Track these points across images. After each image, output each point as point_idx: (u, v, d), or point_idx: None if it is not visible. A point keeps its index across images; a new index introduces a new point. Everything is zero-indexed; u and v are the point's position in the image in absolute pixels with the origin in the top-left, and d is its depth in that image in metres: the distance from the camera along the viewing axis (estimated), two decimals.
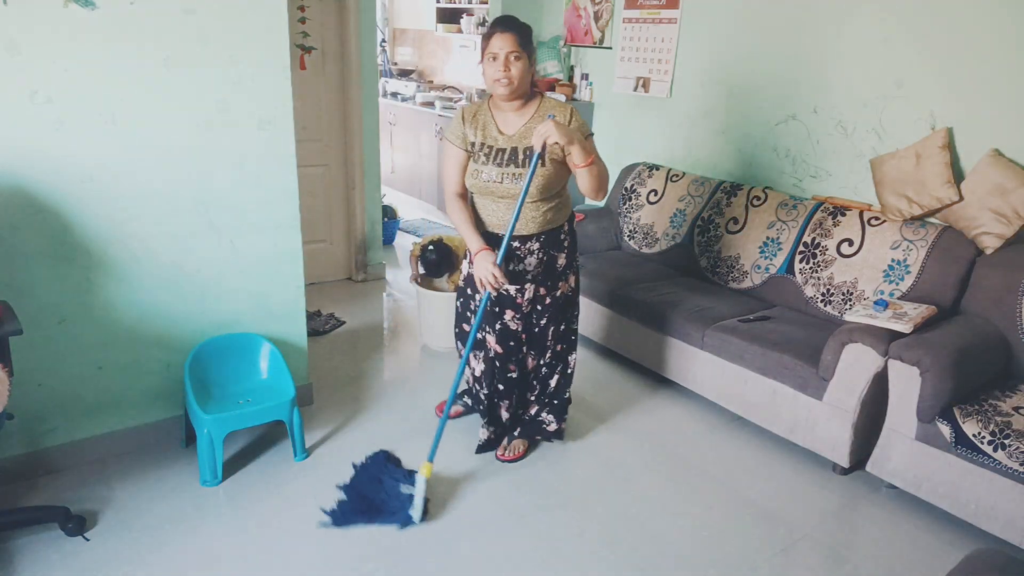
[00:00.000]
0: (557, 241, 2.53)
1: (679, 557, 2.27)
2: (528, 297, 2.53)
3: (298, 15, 3.91)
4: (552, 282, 2.56)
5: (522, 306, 2.54)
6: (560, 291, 2.59)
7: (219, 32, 2.37)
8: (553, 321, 2.61)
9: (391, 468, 2.55)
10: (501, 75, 2.30)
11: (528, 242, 2.48)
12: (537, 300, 2.56)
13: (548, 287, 2.56)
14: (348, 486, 2.46)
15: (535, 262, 2.50)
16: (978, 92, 2.89)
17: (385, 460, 2.60)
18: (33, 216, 2.22)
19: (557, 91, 4.51)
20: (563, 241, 2.55)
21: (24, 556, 2.09)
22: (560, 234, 2.54)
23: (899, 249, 3.00)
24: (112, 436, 2.56)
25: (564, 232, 2.55)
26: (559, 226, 2.53)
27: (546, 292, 2.56)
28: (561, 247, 2.55)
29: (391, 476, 2.50)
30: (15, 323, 1.95)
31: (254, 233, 2.63)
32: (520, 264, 2.50)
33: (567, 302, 2.64)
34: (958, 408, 2.39)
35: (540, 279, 2.53)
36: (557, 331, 2.64)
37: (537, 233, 2.48)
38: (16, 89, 2.10)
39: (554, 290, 2.57)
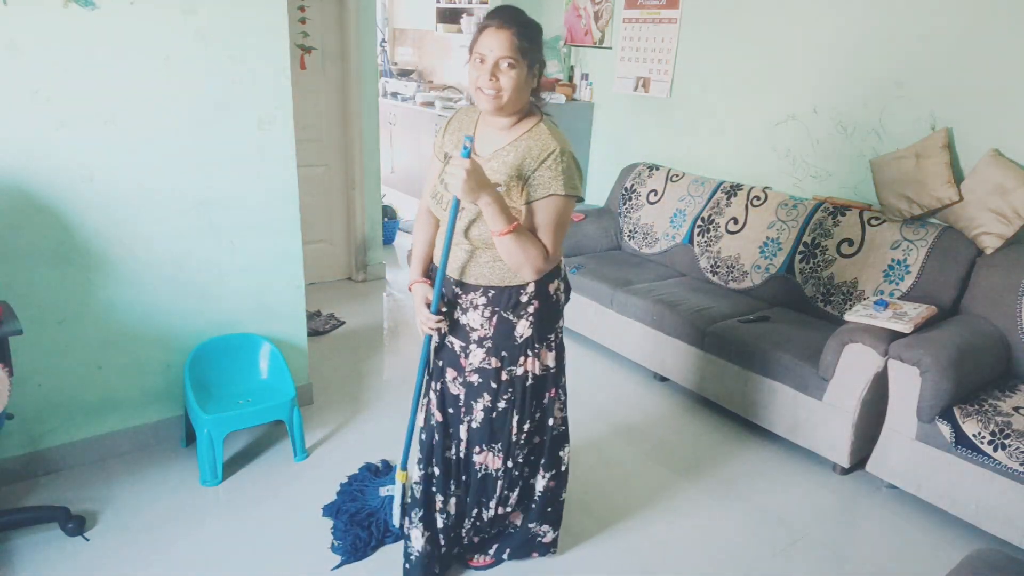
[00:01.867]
0: (514, 303, 1.83)
1: (679, 557, 2.27)
2: (473, 365, 1.88)
3: (298, 15, 3.91)
4: (509, 355, 1.86)
5: (464, 370, 1.90)
6: (523, 370, 1.88)
7: (219, 32, 2.37)
8: (517, 408, 1.90)
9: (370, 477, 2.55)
10: (487, 84, 1.68)
11: (471, 293, 1.85)
12: (488, 375, 1.88)
13: (503, 360, 1.87)
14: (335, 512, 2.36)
15: (481, 321, 1.85)
16: (978, 92, 2.89)
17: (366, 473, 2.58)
18: (33, 216, 2.22)
19: (557, 91, 4.51)
20: (525, 305, 1.84)
21: (24, 556, 2.09)
22: (520, 295, 1.83)
23: (899, 249, 3.00)
24: (112, 436, 2.56)
25: (528, 295, 1.83)
26: (518, 286, 1.82)
27: (499, 366, 1.87)
28: (521, 312, 1.84)
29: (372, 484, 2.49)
30: (15, 323, 1.95)
31: (254, 233, 2.63)
32: (464, 316, 1.88)
33: (538, 386, 1.92)
34: (958, 408, 2.39)
35: (491, 348, 1.86)
36: (532, 422, 1.95)
37: (482, 287, 1.83)
38: (17, 89, 2.10)
39: (512, 365, 1.87)
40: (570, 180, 1.72)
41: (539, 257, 1.73)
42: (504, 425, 1.93)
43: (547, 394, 1.96)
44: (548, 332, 1.90)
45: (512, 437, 1.94)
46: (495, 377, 1.88)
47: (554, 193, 1.70)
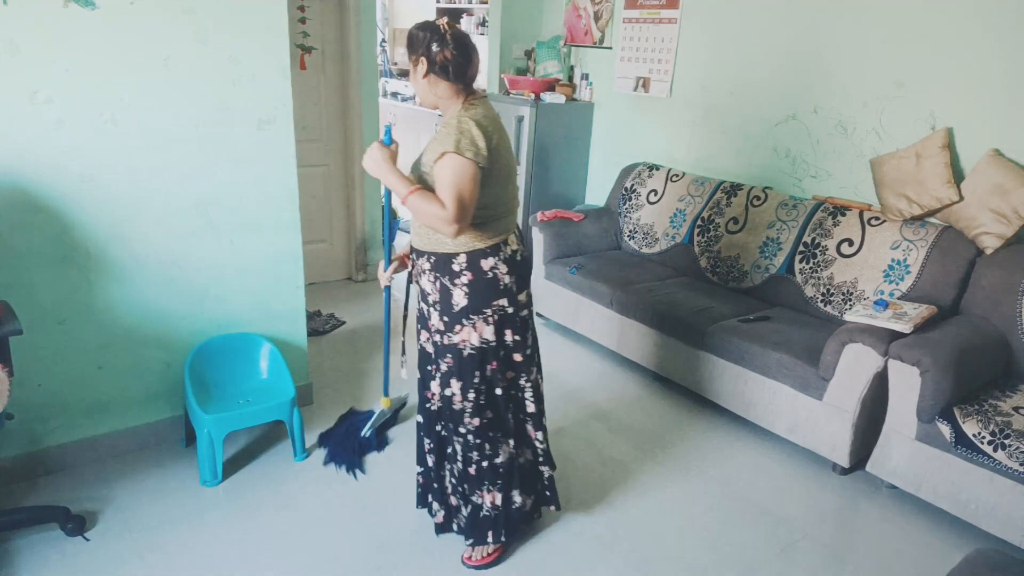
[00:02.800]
0: (449, 271, 2.00)
1: (679, 557, 2.27)
2: (435, 327, 2.07)
3: (298, 15, 3.91)
4: (449, 321, 2.03)
5: (431, 331, 2.10)
6: (459, 339, 2.03)
7: (219, 32, 2.37)
8: (456, 376, 2.05)
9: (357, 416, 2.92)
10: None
11: (420, 258, 2.06)
12: (436, 336, 2.08)
13: (445, 325, 2.04)
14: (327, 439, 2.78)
15: (431, 286, 2.04)
16: (978, 92, 2.89)
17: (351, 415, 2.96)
18: (33, 216, 2.22)
19: (557, 91, 4.51)
20: (458, 274, 1.99)
21: (24, 556, 2.09)
22: (452, 263, 1.99)
23: (899, 249, 3.00)
24: (112, 436, 2.56)
25: (460, 265, 1.98)
26: (452, 253, 1.98)
27: (444, 330, 2.05)
28: (455, 280, 2.00)
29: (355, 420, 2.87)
30: (15, 323, 1.95)
31: (254, 233, 2.63)
32: (421, 280, 2.08)
33: (467, 362, 2.04)
34: (958, 408, 2.39)
35: (440, 310, 2.05)
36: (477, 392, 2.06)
37: (427, 252, 2.02)
38: (16, 89, 2.10)
39: (449, 332, 2.04)
40: (460, 142, 1.87)
41: (438, 215, 1.86)
42: (445, 388, 2.09)
43: (488, 367, 2.07)
44: (484, 306, 2.02)
45: (455, 405, 2.08)
46: (441, 341, 2.07)
47: (445, 151, 1.86)
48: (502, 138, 2.00)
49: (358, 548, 2.22)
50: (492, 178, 1.95)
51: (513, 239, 2.08)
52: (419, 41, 1.94)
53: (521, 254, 2.11)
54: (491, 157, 1.91)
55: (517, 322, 2.10)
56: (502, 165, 1.99)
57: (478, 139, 1.88)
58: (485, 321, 2.03)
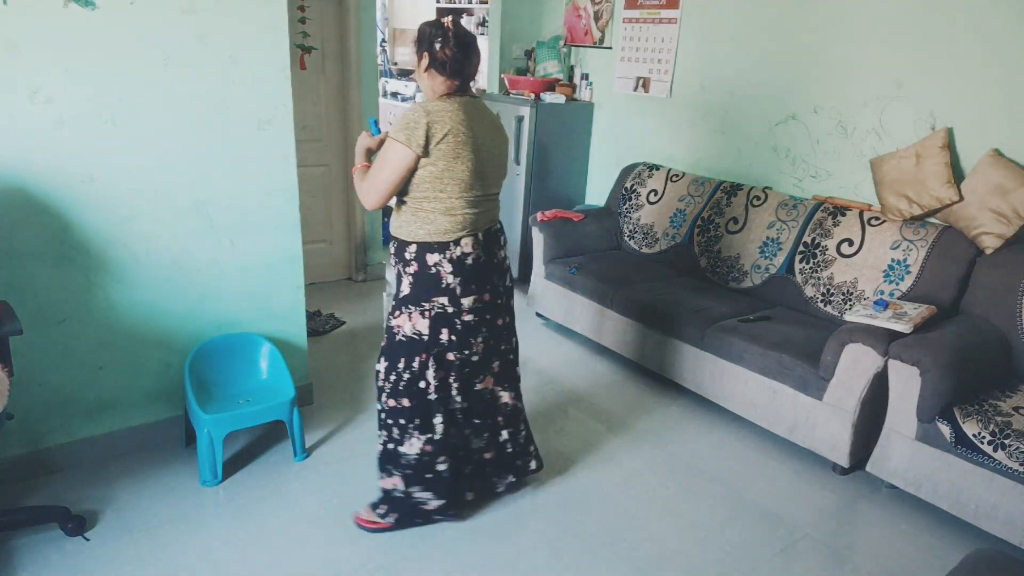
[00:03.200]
0: (403, 259, 2.13)
1: (679, 557, 2.27)
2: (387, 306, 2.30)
3: (298, 15, 3.91)
4: (393, 304, 2.19)
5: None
6: (395, 323, 2.17)
7: (219, 32, 2.37)
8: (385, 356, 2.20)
9: None
10: None
11: (391, 242, 2.22)
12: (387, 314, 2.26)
13: (392, 307, 2.21)
14: None
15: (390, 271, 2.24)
16: (978, 92, 2.89)
17: None
18: (33, 216, 2.22)
19: (557, 91, 4.51)
20: (408, 263, 2.11)
21: (24, 556, 2.09)
22: (406, 252, 2.11)
23: (899, 249, 3.00)
24: (112, 436, 2.56)
25: (411, 254, 2.10)
26: (405, 241, 2.11)
27: (390, 311, 2.22)
28: (406, 268, 2.13)
29: None
30: (15, 323, 1.95)
31: (254, 233, 2.63)
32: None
33: (396, 346, 2.17)
34: (958, 408, 2.39)
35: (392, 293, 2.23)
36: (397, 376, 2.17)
37: (393, 237, 2.18)
38: (16, 89, 2.10)
39: (392, 315, 2.20)
40: (399, 125, 1.99)
41: (359, 188, 2.09)
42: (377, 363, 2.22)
43: (416, 358, 2.15)
44: (423, 299, 2.12)
45: (379, 380, 2.21)
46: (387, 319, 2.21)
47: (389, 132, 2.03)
48: (463, 135, 2.01)
49: (358, 548, 2.22)
50: (436, 170, 2.01)
51: (469, 242, 2.10)
52: (425, 37, 2.07)
53: (477, 259, 2.12)
54: (430, 147, 1.98)
55: (457, 324, 2.14)
56: (457, 161, 2.01)
57: (417, 127, 1.96)
58: (421, 314, 2.12)
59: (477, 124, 2.08)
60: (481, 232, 2.14)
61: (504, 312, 2.31)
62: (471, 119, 2.05)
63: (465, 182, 2.05)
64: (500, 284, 2.26)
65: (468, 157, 2.03)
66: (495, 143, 2.16)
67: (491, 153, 2.13)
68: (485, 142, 2.09)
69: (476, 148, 2.05)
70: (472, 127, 2.04)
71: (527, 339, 3.89)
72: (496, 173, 2.18)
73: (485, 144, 2.09)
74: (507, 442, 2.41)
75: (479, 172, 2.08)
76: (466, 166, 2.03)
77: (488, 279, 2.19)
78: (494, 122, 2.19)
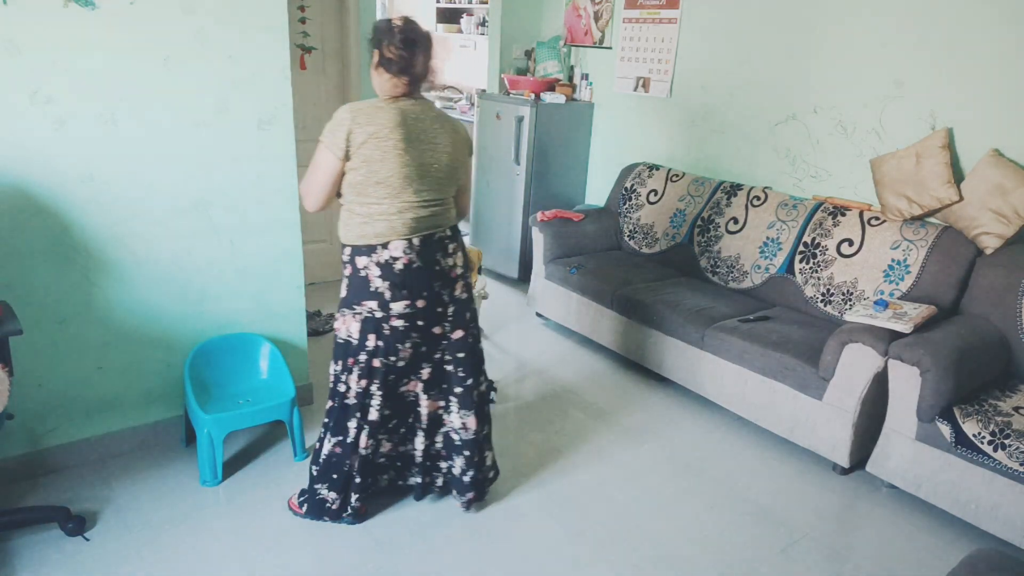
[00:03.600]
0: (342, 260, 2.15)
1: (679, 557, 2.27)
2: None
3: (298, 15, 3.91)
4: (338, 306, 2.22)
5: None
6: (336, 324, 2.20)
7: (219, 32, 2.37)
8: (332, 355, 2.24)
9: None
10: None
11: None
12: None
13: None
14: None
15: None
16: (978, 92, 2.89)
17: None
18: (33, 216, 2.22)
19: (557, 91, 4.51)
20: (344, 265, 2.14)
21: (24, 556, 2.09)
22: (343, 253, 2.14)
23: (899, 249, 3.00)
24: (112, 436, 2.56)
25: (346, 256, 2.12)
26: (343, 244, 2.13)
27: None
28: (344, 270, 2.16)
29: None
30: (15, 323, 1.95)
31: (254, 233, 2.63)
32: None
33: (336, 348, 2.20)
34: (958, 408, 2.39)
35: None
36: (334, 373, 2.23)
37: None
38: (16, 89, 2.10)
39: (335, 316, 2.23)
40: (326, 126, 2.01)
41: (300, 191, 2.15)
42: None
43: (349, 360, 2.16)
44: (354, 302, 2.12)
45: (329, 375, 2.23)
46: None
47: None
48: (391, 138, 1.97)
49: (358, 548, 2.22)
50: (359, 174, 1.99)
51: (398, 246, 2.05)
52: (375, 34, 2.05)
53: (408, 264, 2.07)
54: (351, 151, 1.97)
55: (385, 329, 2.10)
56: (383, 164, 1.98)
57: (338, 129, 1.98)
58: (353, 317, 2.13)
59: (416, 127, 2.04)
60: (418, 237, 2.07)
61: (449, 323, 2.21)
62: (408, 121, 2.02)
63: (393, 186, 2.01)
64: (444, 293, 2.17)
65: (397, 161, 1.99)
66: (441, 147, 2.09)
67: (434, 158, 2.07)
68: (425, 146, 2.05)
69: (409, 151, 2.01)
70: (407, 129, 2.01)
71: (527, 339, 3.90)
72: (441, 178, 2.11)
73: (426, 148, 2.05)
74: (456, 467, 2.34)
75: (413, 177, 2.03)
76: (394, 170, 1.99)
77: (426, 286, 2.12)
78: (443, 126, 2.12)
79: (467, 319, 2.27)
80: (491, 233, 4.77)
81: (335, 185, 2.05)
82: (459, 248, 2.23)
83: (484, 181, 4.76)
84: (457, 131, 2.16)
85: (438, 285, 2.15)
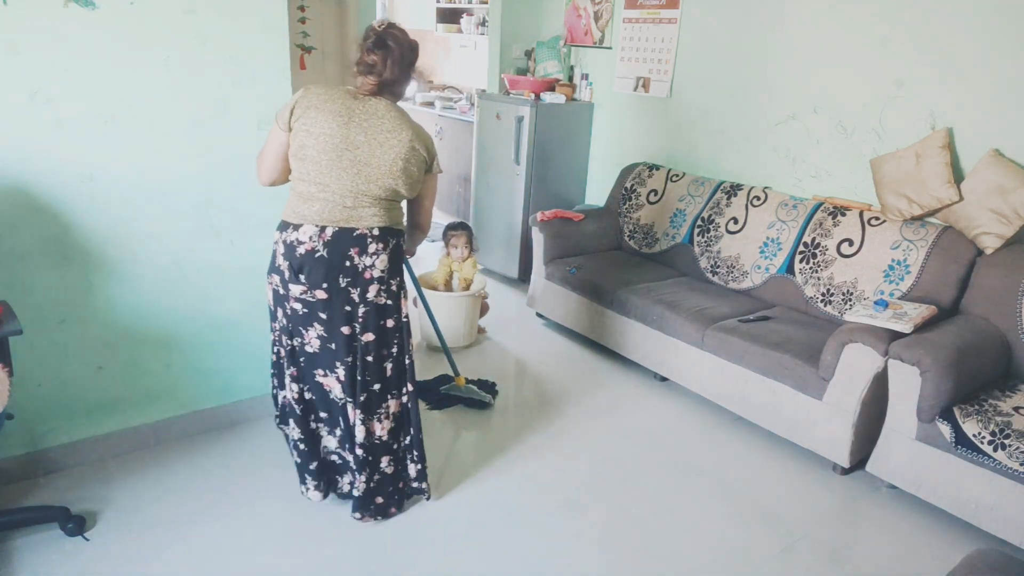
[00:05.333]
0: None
1: (679, 557, 2.27)
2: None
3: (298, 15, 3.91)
4: None
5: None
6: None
7: (219, 32, 2.37)
8: None
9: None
10: None
11: None
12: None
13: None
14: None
15: None
16: (978, 92, 2.89)
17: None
18: (33, 216, 2.22)
19: (557, 91, 4.51)
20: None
21: (24, 556, 2.09)
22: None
23: (899, 249, 3.00)
24: (112, 436, 2.55)
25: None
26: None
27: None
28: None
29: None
30: (15, 323, 1.95)
31: (254, 233, 2.63)
32: None
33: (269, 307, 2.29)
34: (958, 408, 2.39)
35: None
36: None
37: None
38: (16, 89, 2.10)
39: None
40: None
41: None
42: None
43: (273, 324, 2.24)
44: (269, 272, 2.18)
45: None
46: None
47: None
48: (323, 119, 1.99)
49: (359, 548, 2.22)
50: (294, 143, 2.03)
51: (307, 231, 2.03)
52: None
53: (311, 252, 2.03)
54: (292, 121, 2.02)
55: (287, 308, 2.15)
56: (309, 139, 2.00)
57: (288, 103, 2.04)
58: (268, 285, 2.19)
59: (363, 118, 2.02)
60: (332, 228, 2.03)
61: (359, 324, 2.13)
62: (355, 109, 2.02)
63: (317, 167, 2.01)
64: (354, 292, 2.09)
65: (325, 140, 1.98)
66: (387, 147, 2.02)
67: (371, 153, 2.01)
68: (365, 137, 2.01)
69: (343, 134, 1.99)
70: (349, 116, 2.01)
71: (527, 339, 3.90)
72: (376, 178, 2.03)
73: (366, 141, 2.01)
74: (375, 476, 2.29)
75: (340, 164, 1.99)
76: (318, 150, 1.99)
77: (326, 278, 2.05)
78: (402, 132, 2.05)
79: (382, 326, 2.16)
80: (491, 233, 4.77)
81: (281, 158, 2.08)
82: (384, 251, 2.10)
83: (484, 181, 4.76)
84: (415, 142, 2.08)
85: (346, 282, 2.08)
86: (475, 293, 3.62)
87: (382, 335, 2.18)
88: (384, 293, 2.14)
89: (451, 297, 3.55)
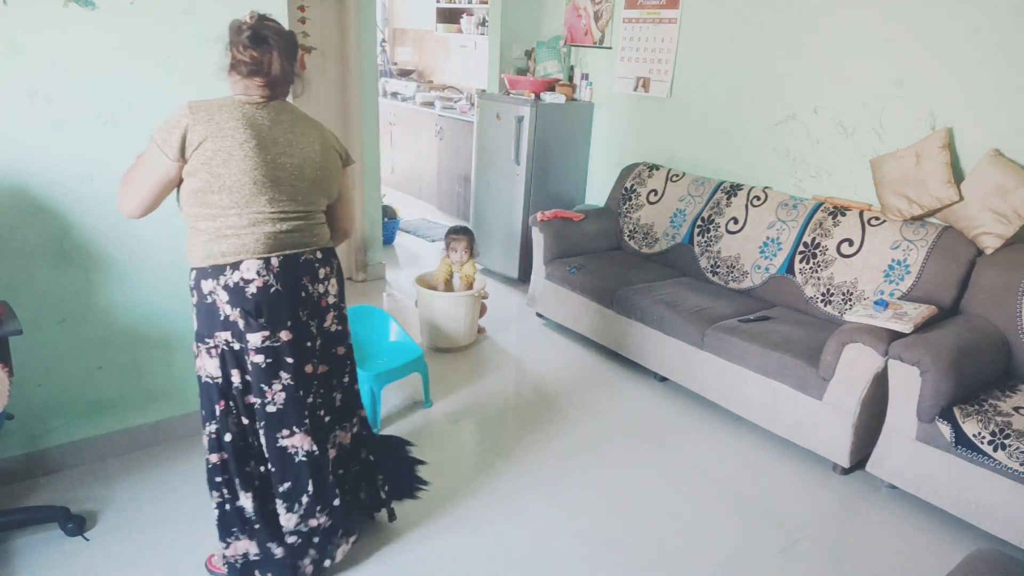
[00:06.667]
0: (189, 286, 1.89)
1: (679, 557, 2.27)
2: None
3: (298, 15, 3.91)
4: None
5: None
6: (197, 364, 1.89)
7: (219, 32, 2.36)
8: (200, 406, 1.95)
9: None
10: None
11: None
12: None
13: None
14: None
15: None
16: (978, 92, 2.89)
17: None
18: (33, 216, 2.22)
19: (557, 91, 4.51)
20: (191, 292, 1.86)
21: (24, 556, 2.09)
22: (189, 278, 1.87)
23: (899, 249, 3.00)
24: (112, 436, 2.56)
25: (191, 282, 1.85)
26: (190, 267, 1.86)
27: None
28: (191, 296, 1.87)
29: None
30: (15, 323, 1.95)
31: None
32: None
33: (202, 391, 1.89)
34: (958, 408, 2.39)
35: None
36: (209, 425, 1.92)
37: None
38: (16, 89, 2.10)
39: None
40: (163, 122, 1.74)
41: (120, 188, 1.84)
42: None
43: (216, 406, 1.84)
44: (206, 335, 1.81)
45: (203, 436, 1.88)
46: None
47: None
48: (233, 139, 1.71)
49: (359, 548, 2.22)
50: (199, 180, 1.71)
51: (252, 267, 1.76)
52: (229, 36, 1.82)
53: (265, 288, 1.77)
54: (187, 153, 1.70)
55: (248, 366, 1.81)
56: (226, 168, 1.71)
57: (174, 129, 1.69)
58: (208, 352, 1.82)
59: (267, 128, 1.78)
60: (277, 257, 1.79)
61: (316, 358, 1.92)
62: (257, 121, 1.77)
63: (242, 193, 1.73)
64: (313, 324, 1.89)
65: (244, 163, 1.72)
66: (301, 151, 1.83)
67: (290, 162, 1.81)
68: (280, 148, 1.79)
69: (260, 152, 1.74)
70: (256, 129, 1.75)
71: (527, 339, 3.90)
72: (303, 188, 1.84)
73: (281, 152, 1.79)
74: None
75: (265, 183, 1.75)
76: (241, 172, 1.72)
77: (289, 315, 1.82)
78: (306, 130, 1.88)
79: (334, 354, 2.00)
80: (491, 233, 4.77)
81: (161, 190, 1.76)
82: (332, 274, 1.95)
83: (484, 181, 4.76)
84: (325, 136, 1.93)
85: (306, 314, 1.86)
86: (476, 292, 3.62)
87: (335, 364, 2.02)
88: (337, 320, 1.99)
89: (451, 297, 3.55)
